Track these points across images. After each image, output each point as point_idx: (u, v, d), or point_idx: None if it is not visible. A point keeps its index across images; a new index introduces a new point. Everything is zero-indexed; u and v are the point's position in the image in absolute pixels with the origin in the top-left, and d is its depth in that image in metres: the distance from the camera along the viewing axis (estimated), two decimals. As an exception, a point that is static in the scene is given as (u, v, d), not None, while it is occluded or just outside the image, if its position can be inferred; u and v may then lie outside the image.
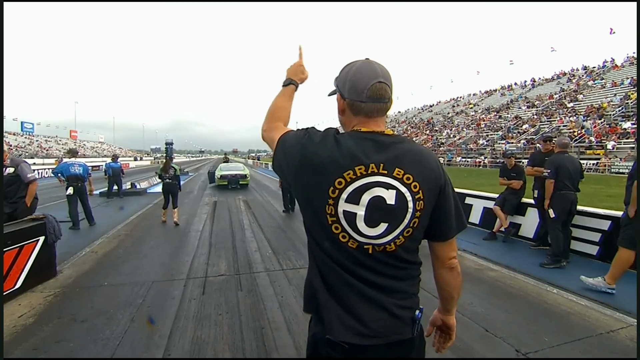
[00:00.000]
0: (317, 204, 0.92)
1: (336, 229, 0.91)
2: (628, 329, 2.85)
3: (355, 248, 0.91)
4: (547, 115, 30.06)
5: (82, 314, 3.09)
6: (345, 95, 0.99)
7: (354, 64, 0.99)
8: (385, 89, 0.95)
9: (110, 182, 11.35)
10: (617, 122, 23.17)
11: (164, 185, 7.32)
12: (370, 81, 0.93)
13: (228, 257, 4.83)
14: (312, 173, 0.92)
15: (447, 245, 1.03)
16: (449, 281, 1.07)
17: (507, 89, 46.45)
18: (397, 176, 0.90)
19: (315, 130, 0.99)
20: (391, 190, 0.90)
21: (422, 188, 0.92)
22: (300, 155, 0.94)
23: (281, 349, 2.53)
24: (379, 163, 0.90)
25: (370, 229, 0.91)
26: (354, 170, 0.89)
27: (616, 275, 3.40)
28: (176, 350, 2.51)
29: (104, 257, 4.83)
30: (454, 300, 1.10)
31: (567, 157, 4.55)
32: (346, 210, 0.90)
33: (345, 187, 0.89)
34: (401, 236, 0.93)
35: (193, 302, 3.33)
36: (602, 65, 35.80)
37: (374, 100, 0.94)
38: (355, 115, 0.98)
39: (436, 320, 1.17)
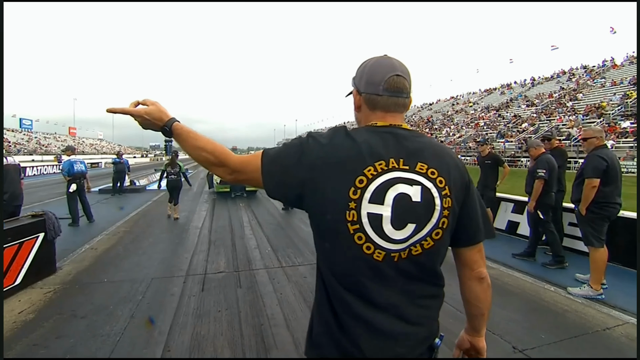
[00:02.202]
0: (335, 212, 0.80)
1: (360, 239, 0.80)
2: (624, 327, 2.87)
3: (381, 260, 0.80)
4: (547, 114, 30.07)
5: (82, 310, 3.10)
6: (361, 89, 0.91)
7: (371, 59, 0.93)
8: (404, 83, 0.88)
9: (115, 179, 11.39)
10: (616, 121, 23.21)
11: (169, 181, 7.48)
12: (388, 74, 0.87)
13: (227, 254, 4.84)
14: (327, 176, 0.81)
15: (475, 251, 0.92)
16: (479, 294, 0.95)
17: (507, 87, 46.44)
18: (420, 171, 0.82)
19: (317, 133, 0.90)
20: (415, 186, 0.81)
21: (448, 184, 0.83)
22: (306, 160, 0.83)
23: (280, 345, 2.55)
24: (398, 158, 0.82)
25: (397, 231, 0.80)
26: (374, 167, 0.80)
27: (598, 278, 3.43)
28: (176, 346, 2.53)
29: (104, 254, 4.84)
30: (484, 317, 0.98)
31: (548, 157, 4.56)
32: (371, 213, 0.79)
33: (368, 186, 0.79)
34: (429, 238, 0.82)
35: (192, 299, 3.35)
36: (602, 64, 35.78)
37: (391, 94, 0.87)
38: (372, 111, 0.90)
39: (463, 343, 1.04)
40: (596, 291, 3.41)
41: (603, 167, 3.35)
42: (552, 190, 4.38)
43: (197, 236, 5.92)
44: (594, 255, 3.45)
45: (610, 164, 3.36)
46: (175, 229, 6.56)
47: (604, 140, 3.60)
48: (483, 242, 0.93)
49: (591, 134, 3.62)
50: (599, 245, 3.41)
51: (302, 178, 0.83)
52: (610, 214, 3.43)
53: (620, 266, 4.22)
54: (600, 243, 3.41)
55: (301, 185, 0.83)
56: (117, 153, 12.05)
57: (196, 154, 0.93)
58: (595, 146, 3.54)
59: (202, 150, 0.92)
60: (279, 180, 0.87)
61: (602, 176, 3.36)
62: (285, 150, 0.88)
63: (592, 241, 3.44)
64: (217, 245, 5.32)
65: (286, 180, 0.86)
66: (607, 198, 3.39)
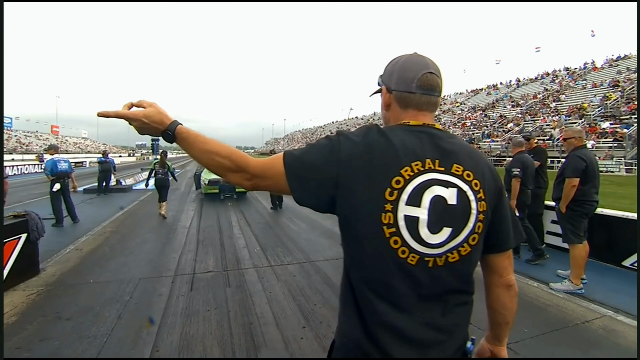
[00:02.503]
0: (369, 214, 0.76)
1: (395, 243, 0.75)
2: (602, 319, 2.99)
3: (414, 264, 0.76)
4: (531, 115, 30.76)
5: (67, 311, 3.05)
6: (392, 87, 0.87)
7: (401, 57, 0.89)
8: (437, 81, 0.85)
9: (100, 179, 11.16)
10: (597, 122, 23.92)
11: (157, 180, 7.53)
12: (421, 71, 0.84)
13: (216, 254, 4.82)
14: (361, 176, 0.76)
15: (505, 258, 0.89)
16: (506, 302, 0.92)
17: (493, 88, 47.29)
18: (456, 173, 0.78)
19: (347, 131, 0.84)
20: (451, 189, 0.77)
21: (482, 187, 0.80)
22: (339, 159, 0.78)
23: (270, 344, 2.56)
24: (434, 158, 0.78)
25: (433, 235, 0.76)
26: (411, 167, 0.76)
27: (578, 273, 3.56)
28: (165, 346, 2.51)
29: (89, 255, 4.76)
30: (509, 326, 0.95)
31: (527, 156, 4.68)
32: (408, 215, 0.75)
33: (405, 187, 0.75)
34: (466, 244, 0.78)
35: (181, 299, 3.33)
36: (583, 66, 36.83)
37: (425, 92, 0.84)
38: (403, 109, 0.86)
39: (484, 352, 1.01)
40: (576, 286, 3.53)
41: (582, 167, 3.47)
42: (528, 187, 4.51)
43: (185, 236, 5.87)
44: (573, 251, 3.57)
45: (589, 164, 3.48)
46: (162, 228, 6.49)
47: (584, 140, 3.73)
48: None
49: (571, 135, 3.75)
50: (577, 241, 3.53)
51: (335, 178, 0.77)
52: (588, 211, 3.57)
53: (600, 262, 4.37)
54: (579, 239, 3.53)
55: (334, 186, 0.77)
56: (102, 152, 11.81)
57: (208, 158, 0.84)
58: (575, 146, 3.66)
59: (215, 155, 0.83)
60: (308, 183, 0.79)
61: (581, 175, 3.48)
62: (312, 150, 0.82)
63: (572, 238, 3.56)
64: (206, 245, 5.28)
65: (317, 182, 0.79)
66: (586, 196, 3.52)
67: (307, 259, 4.58)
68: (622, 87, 26.37)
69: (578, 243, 3.53)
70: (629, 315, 3.04)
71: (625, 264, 4.19)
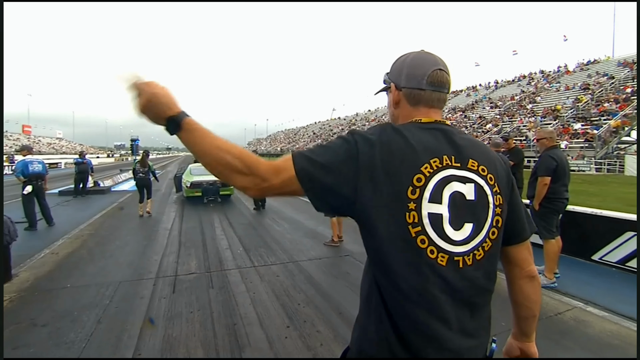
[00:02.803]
0: (393, 215, 0.73)
1: (422, 243, 0.72)
2: (572, 311, 3.15)
3: (445, 265, 0.73)
4: (509, 116, 31.75)
5: (43, 318, 2.95)
6: (401, 84, 0.87)
7: (409, 54, 0.89)
8: (447, 78, 0.85)
9: (77, 180, 10.79)
10: (569, 123, 24.94)
11: (138, 180, 7.68)
12: (431, 68, 0.84)
13: (198, 255, 4.76)
14: (381, 176, 0.73)
15: (524, 248, 0.89)
16: (530, 294, 0.91)
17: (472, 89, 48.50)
18: (472, 168, 0.79)
19: (361, 130, 0.82)
20: (469, 184, 0.77)
21: (497, 181, 0.81)
22: (356, 159, 0.74)
23: (254, 344, 2.57)
24: (450, 155, 0.78)
25: (456, 232, 0.75)
26: (430, 164, 0.75)
27: (552, 268, 3.73)
28: (147, 349, 2.48)
29: (66, 258, 4.61)
30: (535, 319, 0.94)
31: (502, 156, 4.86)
32: (431, 213, 0.74)
33: (426, 184, 0.74)
34: (487, 239, 0.78)
35: (163, 301, 3.28)
36: (557, 69, 38.32)
37: (435, 88, 0.84)
38: (413, 106, 0.86)
39: (512, 350, 0.98)
40: (550, 280, 3.69)
41: (553, 166, 3.65)
42: None
43: (167, 238, 5.77)
44: (546, 247, 3.73)
45: (559, 163, 3.66)
46: (143, 230, 6.35)
47: (555, 140, 3.91)
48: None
49: (542, 135, 3.93)
50: (550, 237, 3.70)
51: (354, 180, 0.73)
52: (559, 208, 3.74)
53: (572, 257, 4.58)
54: (551, 235, 3.70)
55: (353, 188, 0.74)
56: (79, 153, 11.43)
57: (217, 157, 0.75)
58: (547, 146, 3.84)
59: (226, 153, 0.75)
60: (324, 185, 0.74)
61: (552, 174, 3.65)
62: (327, 151, 0.77)
63: (545, 234, 3.73)
64: (188, 247, 5.21)
65: (334, 185, 0.74)
66: (556, 194, 3.70)
67: (291, 259, 4.59)
68: (592, 90, 27.60)
69: (551, 238, 3.70)
70: (597, 307, 3.21)
71: (595, 258, 4.41)
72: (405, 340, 0.72)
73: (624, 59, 30.96)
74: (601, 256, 4.35)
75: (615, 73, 28.77)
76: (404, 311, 0.73)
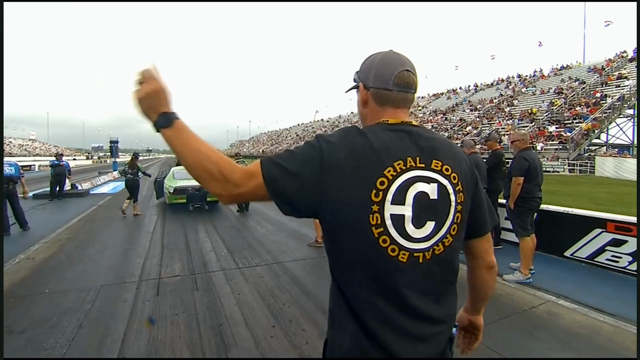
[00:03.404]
0: (357, 217, 0.76)
1: (384, 242, 0.77)
2: (546, 305, 3.31)
3: (406, 261, 0.78)
4: (488, 118, 32.73)
5: (19, 324, 2.86)
6: (369, 84, 0.89)
7: (378, 54, 0.91)
8: (413, 79, 0.88)
9: (53, 183, 10.39)
10: (544, 126, 25.95)
11: (127, 180, 8.06)
12: (398, 68, 0.86)
13: (182, 258, 4.72)
14: (345, 180, 0.76)
15: (485, 241, 0.95)
16: (488, 281, 1.00)
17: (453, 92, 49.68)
18: (435, 168, 0.82)
19: (325, 134, 0.83)
20: (432, 184, 0.81)
21: (460, 180, 0.85)
22: (321, 164, 0.77)
23: (240, 343, 2.59)
24: (415, 156, 0.81)
25: (418, 230, 0.79)
26: (393, 167, 0.78)
27: (527, 264, 3.91)
28: (131, 353, 2.46)
29: (43, 263, 4.47)
30: (487, 299, 1.04)
31: (477, 157, 5.03)
32: (394, 214, 0.77)
33: (389, 187, 0.77)
34: (448, 235, 0.83)
35: (147, 304, 3.25)
36: (533, 74, 39.77)
37: (401, 89, 0.87)
38: (380, 106, 0.88)
39: (462, 321, 1.10)
40: (525, 276, 3.87)
41: (526, 167, 3.84)
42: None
43: (149, 240, 5.67)
44: (522, 244, 3.91)
45: (531, 164, 3.85)
46: (124, 234, 6.22)
47: (528, 142, 4.10)
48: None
49: (516, 137, 4.13)
50: (525, 234, 3.88)
51: (318, 184, 0.76)
52: (532, 207, 3.94)
53: (545, 254, 4.80)
54: (526, 232, 3.88)
55: (317, 192, 0.77)
56: (56, 154, 11.01)
57: (197, 161, 0.78)
58: (520, 148, 4.03)
59: (205, 158, 0.78)
60: (289, 190, 0.77)
61: (525, 174, 3.84)
62: (292, 156, 0.80)
63: (520, 231, 3.91)
64: (171, 249, 5.15)
65: (299, 190, 0.77)
66: (530, 193, 3.89)
67: (275, 260, 4.62)
68: (565, 94, 28.81)
69: (526, 236, 3.88)
70: (568, 300, 3.40)
71: (567, 254, 4.64)
72: (369, 329, 0.77)
73: (594, 65, 32.47)
74: (572, 252, 4.58)
75: (586, 78, 30.15)
76: (366, 303, 0.78)
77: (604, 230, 4.24)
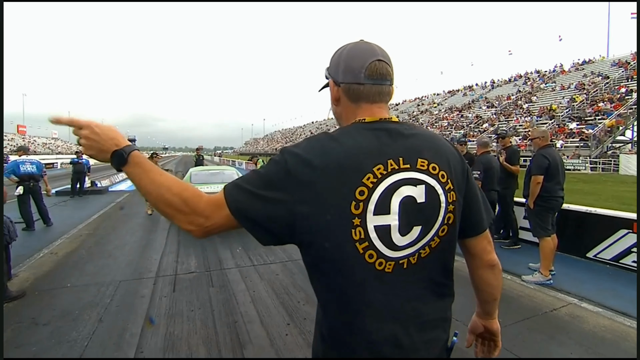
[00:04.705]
0: (338, 234, 0.69)
1: (370, 257, 0.70)
2: (567, 307, 3.20)
3: (391, 272, 0.72)
4: (505, 115, 31.95)
5: (44, 317, 2.97)
6: (339, 79, 0.80)
7: (347, 45, 0.82)
8: (387, 68, 0.78)
9: (74, 180, 10.76)
10: (565, 123, 25.15)
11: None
12: (368, 59, 0.77)
13: (198, 255, 4.79)
14: (320, 194, 0.68)
15: (483, 239, 0.88)
16: (491, 281, 0.92)
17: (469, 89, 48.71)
18: (421, 168, 0.74)
19: (291, 146, 0.74)
20: (419, 186, 0.73)
21: (450, 177, 0.77)
22: (289, 181, 0.69)
23: (255, 340, 2.60)
24: (397, 157, 0.72)
25: (403, 237, 0.73)
26: (373, 173, 0.70)
27: (547, 265, 3.79)
28: (149, 347, 2.51)
29: (65, 258, 4.62)
30: (497, 301, 0.96)
31: (492, 156, 4.87)
32: (378, 225, 0.70)
33: (370, 196, 0.69)
34: (436, 237, 0.76)
35: (164, 300, 3.31)
36: (553, 69, 38.58)
37: (374, 81, 0.77)
38: (354, 102, 0.80)
39: (477, 328, 1.01)
40: (545, 277, 3.75)
41: (545, 165, 3.71)
42: (493, 188, 4.70)
43: (166, 237, 5.79)
44: (542, 244, 3.80)
45: (552, 162, 3.72)
46: (142, 230, 6.36)
47: (548, 139, 3.97)
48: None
49: (535, 135, 4.00)
50: (545, 234, 3.76)
51: (290, 203, 0.69)
52: (553, 207, 3.81)
53: (567, 254, 4.65)
54: (546, 233, 3.76)
55: (290, 213, 0.69)
56: (75, 153, 11.40)
57: (158, 193, 0.72)
58: (540, 146, 3.90)
59: (166, 191, 0.71)
60: (259, 214, 0.69)
61: (545, 173, 3.72)
62: (257, 175, 0.73)
63: (540, 232, 3.79)
64: (187, 246, 5.23)
65: (269, 212, 0.69)
66: (550, 192, 3.76)
67: (290, 258, 4.63)
68: (587, 90, 27.84)
69: (546, 236, 3.76)
70: (592, 303, 3.28)
71: (590, 255, 4.48)
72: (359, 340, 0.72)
73: (619, 59, 31.25)
74: (596, 254, 4.42)
75: (610, 73, 29.05)
76: (355, 320, 0.72)
77: (630, 231, 4.07)
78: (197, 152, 13.31)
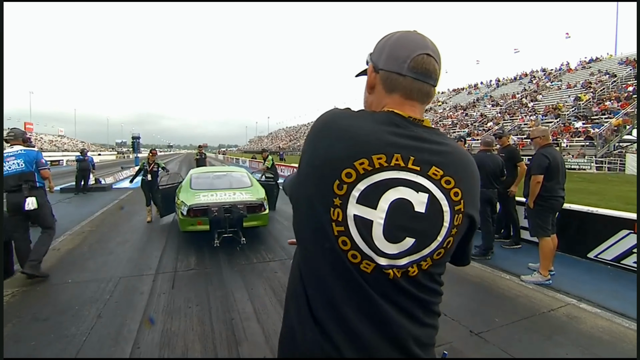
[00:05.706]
0: (318, 209, 0.66)
1: (344, 244, 0.65)
2: (566, 307, 3.18)
3: (370, 273, 0.65)
4: (510, 114, 31.69)
5: (44, 312, 3.01)
6: (379, 65, 0.74)
7: (396, 32, 0.75)
8: (434, 66, 0.71)
9: (78, 177, 10.90)
10: (570, 121, 24.89)
11: (144, 180, 7.00)
12: (417, 50, 0.70)
13: (198, 252, 4.81)
14: (316, 169, 0.68)
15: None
16: None
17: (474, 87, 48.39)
18: (433, 176, 0.66)
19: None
20: (422, 194, 0.65)
21: (464, 199, 0.68)
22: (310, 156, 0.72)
23: (250, 337, 2.62)
24: (408, 155, 0.65)
25: (391, 244, 0.65)
26: (370, 159, 0.64)
27: (546, 265, 3.76)
28: (146, 343, 2.53)
29: (67, 254, 4.68)
30: None
31: (488, 155, 4.81)
32: (358, 216, 0.64)
33: (357, 182, 0.64)
34: (429, 258, 0.67)
35: (162, 297, 3.34)
36: (559, 67, 38.18)
37: (417, 76, 0.70)
38: (388, 93, 0.73)
39: None
40: (544, 277, 3.73)
41: (545, 164, 3.68)
42: (491, 187, 4.65)
43: (167, 235, 5.82)
44: (541, 244, 3.77)
45: (552, 161, 3.68)
46: (143, 227, 6.40)
47: (549, 139, 3.94)
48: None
49: (536, 134, 3.97)
50: (544, 234, 3.73)
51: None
52: (554, 206, 3.77)
53: (568, 255, 4.62)
54: (545, 233, 3.73)
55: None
56: (80, 150, 11.53)
57: None
58: (541, 145, 3.87)
59: None
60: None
61: (545, 172, 3.68)
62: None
63: (539, 231, 3.76)
64: (187, 244, 5.25)
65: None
66: (550, 192, 3.73)
67: (289, 256, 4.63)
68: (593, 89, 27.52)
69: (545, 236, 3.73)
70: (590, 303, 3.25)
71: (591, 256, 4.44)
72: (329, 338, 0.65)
73: (626, 57, 30.85)
74: (597, 254, 4.39)
75: (618, 71, 28.70)
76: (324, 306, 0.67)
77: (632, 231, 4.03)
78: (199, 150, 12.59)
